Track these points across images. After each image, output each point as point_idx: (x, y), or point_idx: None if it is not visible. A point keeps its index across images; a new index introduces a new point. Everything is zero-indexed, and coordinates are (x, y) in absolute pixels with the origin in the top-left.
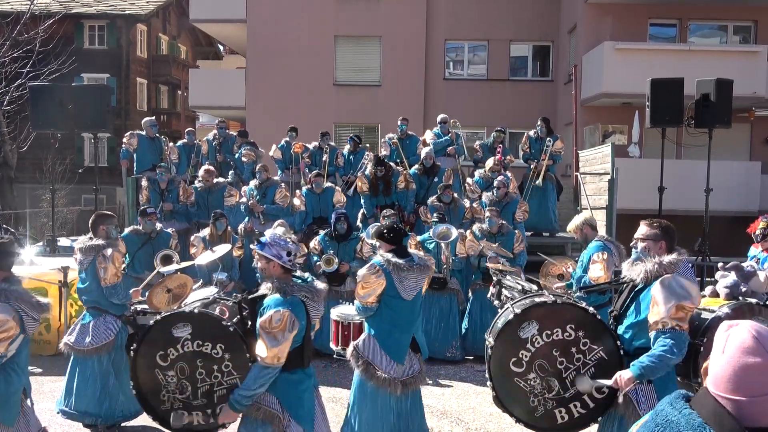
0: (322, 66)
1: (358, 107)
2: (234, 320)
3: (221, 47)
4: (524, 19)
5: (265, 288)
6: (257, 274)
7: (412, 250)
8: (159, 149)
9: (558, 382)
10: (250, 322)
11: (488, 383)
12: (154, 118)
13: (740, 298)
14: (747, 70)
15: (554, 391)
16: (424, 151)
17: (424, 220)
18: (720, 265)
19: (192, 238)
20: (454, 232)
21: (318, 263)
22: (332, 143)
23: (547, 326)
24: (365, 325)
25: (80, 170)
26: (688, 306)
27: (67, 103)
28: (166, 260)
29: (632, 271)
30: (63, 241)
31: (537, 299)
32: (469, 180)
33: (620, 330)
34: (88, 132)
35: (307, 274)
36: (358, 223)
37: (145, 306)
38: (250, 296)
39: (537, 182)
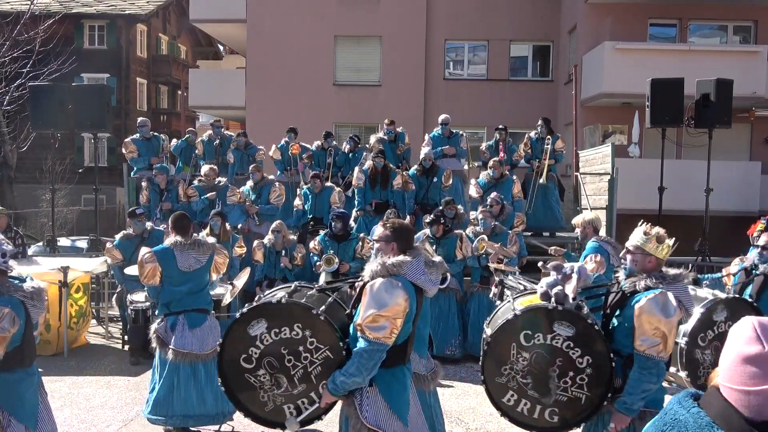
0: (322, 66)
1: (358, 107)
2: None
3: (221, 47)
4: (524, 19)
5: None
6: (256, 274)
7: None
8: (157, 148)
9: (287, 379)
10: None
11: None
12: (145, 119)
13: (551, 300)
14: (747, 70)
15: (283, 388)
16: (423, 152)
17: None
18: (540, 264)
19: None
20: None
21: (318, 263)
22: (335, 143)
23: (276, 324)
24: None
25: (80, 170)
26: (384, 314)
27: (67, 103)
28: None
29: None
30: (63, 241)
31: None
32: (472, 181)
33: None
34: (88, 132)
35: (27, 274)
36: (351, 221)
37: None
38: None
39: (541, 181)
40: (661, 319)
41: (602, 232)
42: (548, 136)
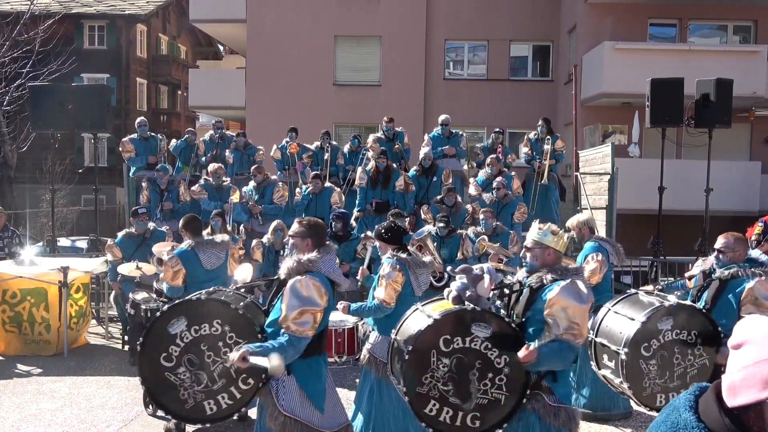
0: (322, 66)
1: (358, 107)
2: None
3: (221, 47)
4: (524, 19)
5: None
6: (256, 273)
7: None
8: (155, 148)
9: (207, 376)
10: None
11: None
12: (143, 119)
13: (465, 303)
14: (747, 70)
15: (203, 384)
16: (422, 152)
17: (424, 219)
18: (450, 268)
19: None
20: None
21: None
22: (333, 142)
23: (196, 322)
24: (368, 327)
25: (80, 170)
26: (307, 309)
27: (67, 103)
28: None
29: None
30: (63, 242)
31: None
32: (471, 180)
33: None
34: (88, 132)
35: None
36: (352, 221)
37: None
38: None
39: (543, 181)
40: (577, 306)
41: (602, 232)
42: (548, 136)
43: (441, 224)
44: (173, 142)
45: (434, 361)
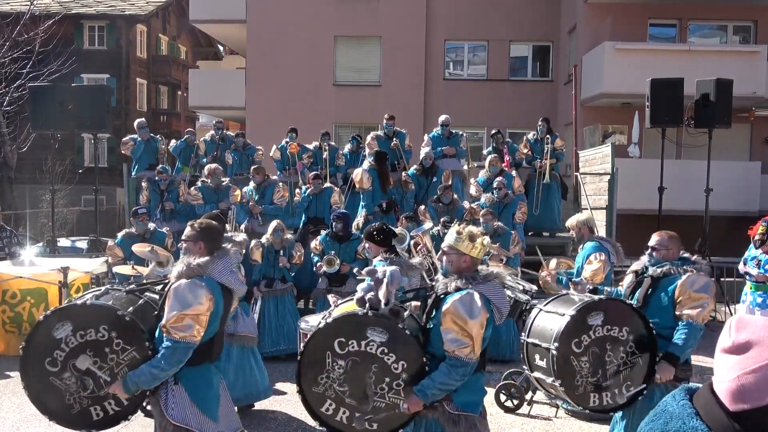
0: (322, 66)
1: (358, 107)
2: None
3: (221, 47)
4: (524, 19)
5: None
6: (253, 275)
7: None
8: (155, 149)
9: (93, 381)
10: None
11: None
12: (143, 120)
13: (366, 305)
14: (747, 70)
15: (89, 390)
16: (423, 151)
17: (421, 219)
18: (355, 269)
19: None
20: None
21: (319, 263)
22: (333, 143)
23: (81, 326)
24: None
25: (80, 170)
26: (188, 313)
27: (67, 103)
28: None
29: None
30: (63, 242)
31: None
32: (472, 180)
33: None
34: (88, 132)
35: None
36: (359, 220)
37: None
38: None
39: (545, 181)
40: (467, 320)
41: (602, 233)
42: (547, 136)
43: (446, 230)
44: (173, 142)
45: (329, 362)
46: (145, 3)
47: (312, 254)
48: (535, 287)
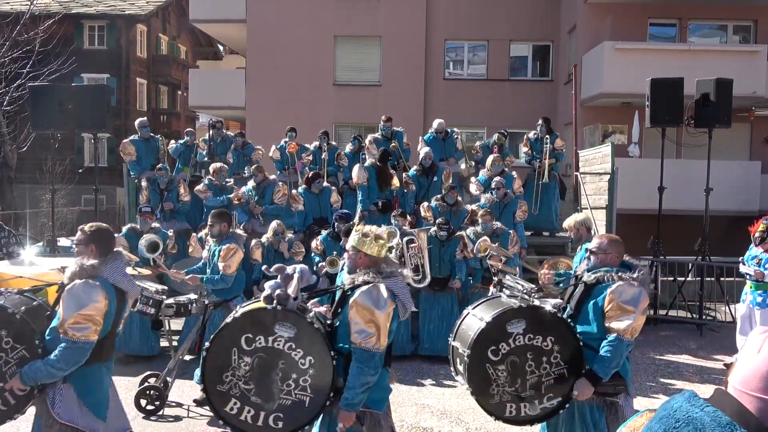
0: (322, 66)
1: (358, 107)
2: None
3: (221, 47)
4: (524, 19)
5: None
6: (254, 273)
7: None
8: (155, 149)
9: None
10: None
11: None
12: (145, 119)
13: (274, 302)
14: (747, 69)
15: None
16: (423, 152)
17: (424, 217)
18: (264, 267)
19: (191, 237)
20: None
21: (321, 264)
22: (333, 142)
23: None
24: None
25: (80, 170)
26: (84, 313)
27: (67, 103)
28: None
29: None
30: (63, 242)
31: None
32: (473, 179)
33: None
34: (88, 132)
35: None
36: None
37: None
38: None
39: (543, 180)
40: (374, 311)
41: (602, 232)
42: (547, 136)
43: (442, 232)
44: (172, 143)
45: (235, 359)
46: (145, 3)
47: (313, 254)
48: (534, 287)
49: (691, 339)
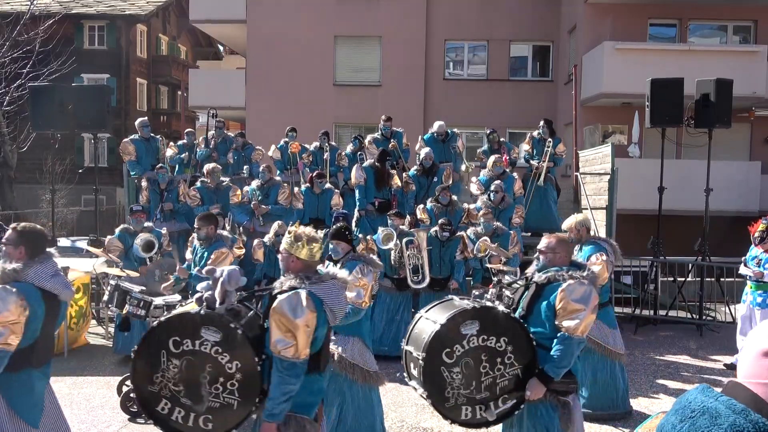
0: (322, 66)
1: (358, 107)
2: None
3: (221, 47)
4: (524, 19)
5: None
6: (255, 273)
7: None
8: (155, 149)
9: None
10: None
11: None
12: (146, 119)
13: (203, 303)
14: (747, 70)
15: None
16: (423, 152)
17: (420, 219)
18: (196, 269)
19: (190, 238)
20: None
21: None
22: (333, 143)
23: None
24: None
25: (80, 170)
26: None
27: (67, 103)
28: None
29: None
30: (63, 242)
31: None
32: (473, 179)
33: None
34: (88, 132)
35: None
36: (353, 221)
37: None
38: None
39: (539, 182)
40: (291, 320)
41: (602, 233)
42: (549, 139)
43: (445, 233)
44: (168, 152)
45: (164, 362)
46: (145, 3)
47: None
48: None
49: (691, 339)
